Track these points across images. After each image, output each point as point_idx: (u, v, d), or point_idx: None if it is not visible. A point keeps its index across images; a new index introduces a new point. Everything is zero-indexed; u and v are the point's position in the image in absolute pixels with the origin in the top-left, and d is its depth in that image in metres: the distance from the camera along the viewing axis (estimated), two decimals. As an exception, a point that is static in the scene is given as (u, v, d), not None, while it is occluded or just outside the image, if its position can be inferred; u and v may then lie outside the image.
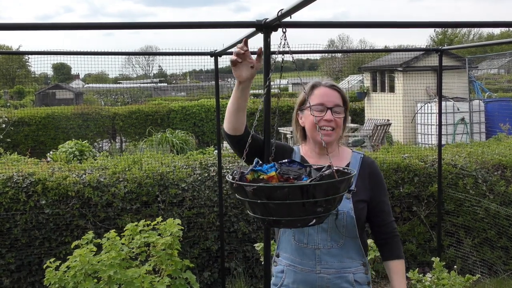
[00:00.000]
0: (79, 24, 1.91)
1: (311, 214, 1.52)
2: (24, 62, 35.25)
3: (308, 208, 1.49)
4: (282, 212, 1.50)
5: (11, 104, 21.30)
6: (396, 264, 2.08)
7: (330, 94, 2.04)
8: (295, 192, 1.46)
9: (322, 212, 1.53)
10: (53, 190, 4.42)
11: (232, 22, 2.02)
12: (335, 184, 1.51)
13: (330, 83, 2.08)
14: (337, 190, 1.52)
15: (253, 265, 4.78)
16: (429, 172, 5.01)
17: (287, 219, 1.52)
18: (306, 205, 1.48)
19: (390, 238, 2.11)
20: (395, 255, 2.10)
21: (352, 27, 2.54)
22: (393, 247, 2.11)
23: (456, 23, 4.23)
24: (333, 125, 2.02)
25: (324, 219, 1.61)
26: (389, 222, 2.12)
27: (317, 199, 1.48)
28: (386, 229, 2.11)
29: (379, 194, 2.09)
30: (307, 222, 1.55)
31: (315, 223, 1.57)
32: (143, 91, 22.99)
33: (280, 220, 1.52)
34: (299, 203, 1.47)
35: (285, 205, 1.47)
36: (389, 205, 2.16)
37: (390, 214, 2.13)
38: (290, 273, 2.04)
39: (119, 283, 3.00)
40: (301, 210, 1.49)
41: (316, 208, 1.51)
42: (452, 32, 42.84)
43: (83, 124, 13.32)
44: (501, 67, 26.16)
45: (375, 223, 2.11)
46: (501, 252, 4.97)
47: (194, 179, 4.73)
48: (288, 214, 1.50)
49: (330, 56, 25.76)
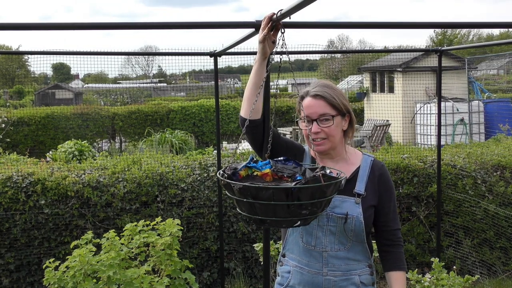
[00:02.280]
0: (79, 24, 1.91)
1: (296, 216, 1.52)
2: (24, 62, 35.24)
3: (293, 210, 1.49)
4: (267, 212, 1.50)
5: (11, 104, 21.29)
6: (397, 277, 2.02)
7: (313, 105, 1.98)
8: (280, 194, 1.46)
9: (307, 215, 1.53)
10: (52, 190, 4.42)
11: (231, 23, 2.03)
12: (321, 188, 1.50)
13: (314, 92, 1.99)
14: (323, 194, 1.52)
15: (252, 265, 4.78)
16: (428, 172, 5.02)
17: (272, 219, 1.52)
18: (291, 207, 1.48)
19: (393, 247, 2.06)
20: (396, 266, 2.04)
21: (351, 28, 2.55)
22: (395, 258, 2.05)
23: (456, 24, 4.24)
24: (321, 135, 1.97)
25: (310, 221, 1.60)
26: (393, 229, 2.06)
27: (302, 202, 1.48)
28: (389, 236, 2.06)
29: (386, 199, 2.05)
30: (292, 223, 1.55)
31: (300, 225, 1.57)
32: (142, 91, 22.98)
33: (266, 219, 1.53)
34: (284, 204, 1.47)
35: (270, 206, 1.48)
36: (396, 213, 2.10)
37: (395, 222, 2.08)
38: (296, 274, 2.04)
39: (119, 283, 2.99)
40: (286, 211, 1.49)
41: (301, 210, 1.51)
42: (451, 33, 42.84)
43: (82, 124, 13.32)
44: (500, 67, 26.17)
45: (379, 228, 2.07)
46: (500, 253, 4.98)
47: (193, 179, 4.73)
48: (273, 215, 1.50)
49: (329, 57, 25.78)
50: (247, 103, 1.95)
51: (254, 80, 1.93)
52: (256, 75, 1.93)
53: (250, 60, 13.13)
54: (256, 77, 1.93)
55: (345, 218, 1.95)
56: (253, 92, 1.94)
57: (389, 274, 2.04)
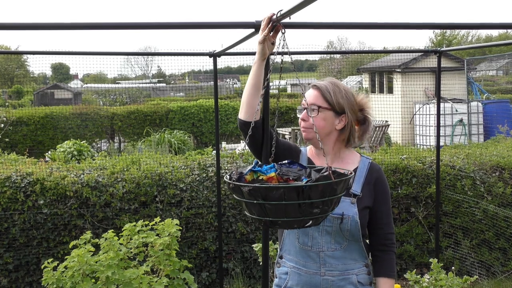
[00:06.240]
0: (79, 24, 1.91)
1: (308, 215, 1.51)
2: (23, 61, 35.19)
3: (304, 209, 1.49)
4: (278, 213, 1.49)
5: (10, 103, 21.26)
6: (383, 283, 2.02)
7: (309, 94, 2.04)
8: (291, 193, 1.46)
9: (318, 214, 1.52)
10: (51, 190, 4.42)
11: (231, 23, 2.03)
12: (332, 186, 1.50)
13: (315, 84, 2.05)
14: (334, 192, 1.52)
15: (251, 266, 4.78)
16: (427, 173, 5.02)
17: (283, 220, 1.51)
18: (302, 206, 1.48)
19: (384, 252, 2.05)
20: (385, 273, 2.03)
21: (351, 28, 2.55)
22: (385, 265, 2.04)
23: (455, 25, 4.24)
24: (306, 124, 2.02)
25: (321, 220, 1.60)
26: (387, 233, 2.06)
27: (313, 200, 1.48)
28: (382, 239, 2.05)
29: (381, 202, 2.05)
30: (303, 223, 1.54)
31: (311, 225, 1.56)
32: (141, 91, 22.96)
33: (277, 221, 1.52)
34: (295, 204, 1.47)
35: (281, 206, 1.47)
36: (391, 217, 2.09)
37: (389, 226, 2.07)
38: (294, 275, 2.04)
39: (117, 283, 2.99)
40: (297, 211, 1.49)
41: (312, 209, 1.50)
42: (451, 34, 42.88)
43: (81, 124, 13.31)
44: (499, 68, 26.20)
45: (372, 231, 2.07)
46: (499, 254, 4.98)
47: (192, 179, 4.73)
48: (284, 215, 1.50)
49: (329, 57, 25.79)
50: (246, 104, 1.95)
51: (253, 82, 1.93)
52: (255, 76, 1.92)
53: (249, 60, 13.11)
54: (254, 79, 1.92)
55: (341, 218, 1.95)
56: (252, 93, 1.93)
57: (377, 280, 2.04)
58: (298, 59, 41.31)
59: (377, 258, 2.06)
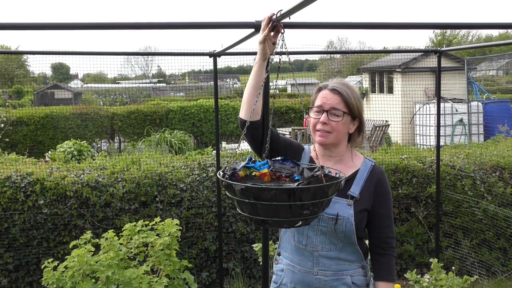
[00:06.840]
0: (79, 24, 1.91)
1: (298, 216, 1.53)
2: (23, 61, 35.19)
3: (295, 210, 1.50)
4: (269, 212, 1.51)
5: (10, 103, 21.26)
6: (382, 287, 2.01)
7: (329, 97, 2.00)
8: (282, 195, 1.47)
9: (309, 215, 1.54)
10: (51, 190, 4.42)
11: (231, 23, 2.03)
12: (323, 188, 1.51)
13: (333, 87, 2.01)
14: (325, 194, 1.53)
15: (251, 266, 4.78)
16: (427, 173, 5.02)
17: (273, 220, 1.53)
18: (293, 207, 1.49)
19: (383, 256, 2.04)
20: (384, 277, 2.02)
21: (351, 28, 2.55)
22: (385, 269, 2.02)
23: (455, 25, 4.24)
24: (327, 128, 1.98)
25: (311, 221, 1.62)
26: (386, 237, 2.04)
27: (304, 202, 1.49)
28: (381, 243, 2.04)
29: (381, 204, 2.03)
30: (293, 223, 1.56)
31: (301, 225, 1.58)
32: (141, 91, 22.97)
33: (267, 220, 1.54)
34: (286, 205, 1.48)
35: (272, 206, 1.48)
36: (391, 220, 2.07)
37: (390, 230, 2.05)
38: (288, 272, 2.06)
39: (117, 283, 2.99)
40: (288, 211, 1.50)
41: (303, 210, 1.52)
42: (451, 34, 42.87)
43: (81, 124, 13.31)
44: (499, 68, 26.20)
45: (372, 233, 2.06)
46: (499, 253, 4.98)
47: (192, 179, 4.73)
48: (275, 215, 1.51)
49: (329, 57, 25.79)
50: (247, 104, 1.96)
51: (254, 82, 1.93)
52: (256, 76, 1.93)
53: (249, 60, 13.11)
54: (255, 79, 1.93)
55: (335, 219, 1.95)
56: (253, 93, 1.94)
57: (376, 284, 2.04)
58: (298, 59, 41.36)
59: (376, 261, 2.05)
